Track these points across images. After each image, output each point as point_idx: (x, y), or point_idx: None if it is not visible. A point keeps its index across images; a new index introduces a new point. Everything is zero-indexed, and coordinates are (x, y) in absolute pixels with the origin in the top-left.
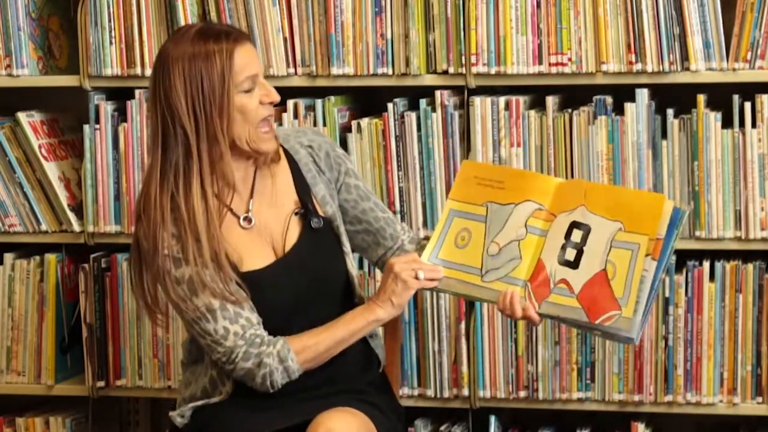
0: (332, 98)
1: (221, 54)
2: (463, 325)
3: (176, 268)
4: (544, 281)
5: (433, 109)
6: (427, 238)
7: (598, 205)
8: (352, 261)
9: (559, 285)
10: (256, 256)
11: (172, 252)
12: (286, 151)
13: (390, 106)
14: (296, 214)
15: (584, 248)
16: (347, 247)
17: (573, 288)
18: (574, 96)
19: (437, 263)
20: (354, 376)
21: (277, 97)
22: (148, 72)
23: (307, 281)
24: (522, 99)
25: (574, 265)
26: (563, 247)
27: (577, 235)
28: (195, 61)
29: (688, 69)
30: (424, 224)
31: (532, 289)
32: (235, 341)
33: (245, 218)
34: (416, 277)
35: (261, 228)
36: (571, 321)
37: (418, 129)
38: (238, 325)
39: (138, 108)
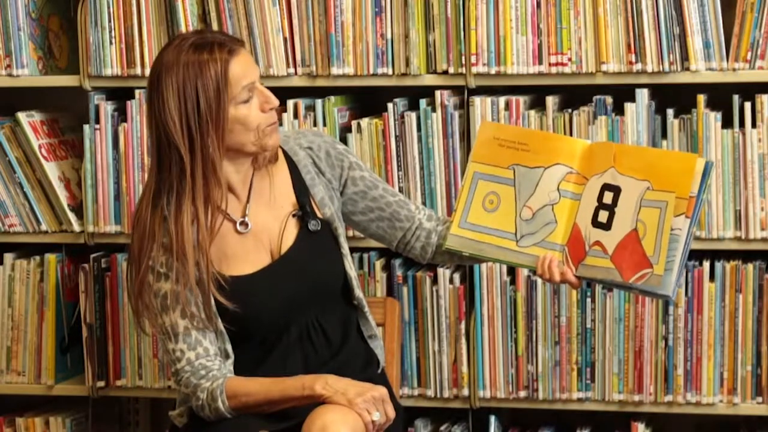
0: (332, 98)
1: (216, 68)
2: (463, 325)
3: (156, 281)
4: (580, 244)
5: (433, 109)
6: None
7: (628, 166)
8: (350, 263)
9: (594, 247)
10: (250, 261)
11: (156, 265)
12: (285, 153)
13: (390, 106)
14: (294, 216)
15: (615, 209)
16: (345, 249)
17: (607, 249)
18: (574, 96)
19: (468, 227)
20: (353, 375)
21: (276, 102)
22: (148, 72)
23: (303, 283)
24: (522, 99)
25: (606, 226)
26: (596, 210)
27: (608, 197)
28: (188, 77)
29: (688, 69)
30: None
31: (569, 252)
32: (184, 366)
33: (241, 223)
34: (368, 413)
35: (258, 231)
36: (608, 282)
37: (418, 129)
38: (194, 353)
39: (138, 108)
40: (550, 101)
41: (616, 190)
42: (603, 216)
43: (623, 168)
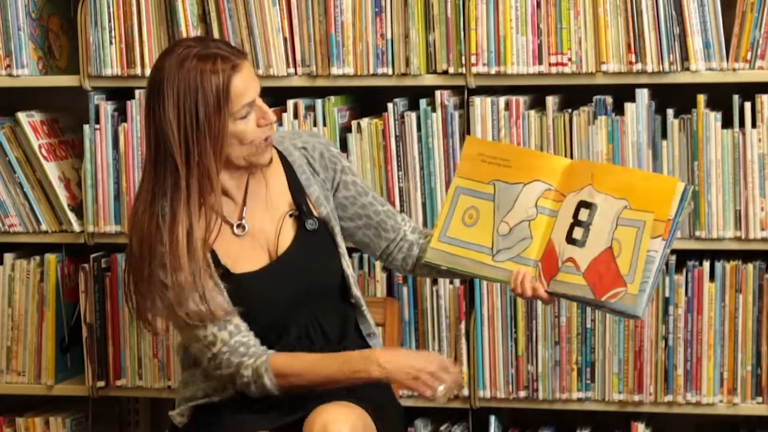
0: (332, 98)
1: (218, 83)
2: (463, 325)
3: (167, 275)
4: (553, 260)
5: (433, 109)
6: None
7: (606, 185)
8: (347, 261)
9: (567, 263)
10: (250, 261)
11: (165, 260)
12: (280, 153)
13: (390, 106)
14: (291, 216)
15: (591, 226)
16: (342, 247)
17: (579, 266)
18: (574, 96)
19: (447, 241)
20: None
21: (273, 118)
22: (148, 72)
23: (301, 282)
24: (522, 99)
25: (581, 243)
26: (571, 226)
27: (584, 214)
28: (189, 89)
29: (688, 69)
30: (425, 224)
31: (542, 268)
32: (221, 348)
33: (238, 226)
34: (433, 390)
35: (255, 232)
36: (579, 298)
37: (418, 129)
38: (226, 332)
39: (138, 108)
40: (550, 101)
41: (592, 208)
42: (578, 233)
43: (601, 186)
